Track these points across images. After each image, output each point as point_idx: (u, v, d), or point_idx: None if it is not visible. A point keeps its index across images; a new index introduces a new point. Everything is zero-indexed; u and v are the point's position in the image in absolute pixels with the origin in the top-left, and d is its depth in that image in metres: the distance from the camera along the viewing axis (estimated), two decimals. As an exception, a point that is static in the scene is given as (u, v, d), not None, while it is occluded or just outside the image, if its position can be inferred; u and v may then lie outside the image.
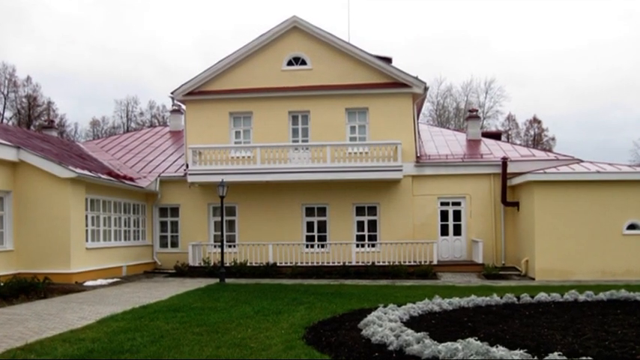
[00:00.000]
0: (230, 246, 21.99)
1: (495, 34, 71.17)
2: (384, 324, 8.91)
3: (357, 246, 21.72)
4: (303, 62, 22.89)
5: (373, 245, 21.83)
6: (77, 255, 17.73)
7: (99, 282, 17.75)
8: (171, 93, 23.25)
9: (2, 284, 14.29)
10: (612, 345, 8.01)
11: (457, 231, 22.34)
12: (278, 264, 20.95)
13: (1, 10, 63.65)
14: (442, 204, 22.39)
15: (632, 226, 18.99)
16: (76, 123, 57.31)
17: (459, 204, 22.35)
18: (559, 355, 6.78)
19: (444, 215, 22.39)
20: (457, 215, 22.35)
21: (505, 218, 21.90)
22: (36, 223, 17.41)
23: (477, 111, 29.61)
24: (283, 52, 22.90)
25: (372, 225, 22.44)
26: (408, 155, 21.99)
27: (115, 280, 18.78)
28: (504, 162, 21.68)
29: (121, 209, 21.27)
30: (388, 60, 23.63)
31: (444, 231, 22.36)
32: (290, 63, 22.95)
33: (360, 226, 22.47)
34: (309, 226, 22.61)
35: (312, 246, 22.00)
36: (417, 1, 70.44)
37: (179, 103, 25.19)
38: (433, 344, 7.31)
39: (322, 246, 21.90)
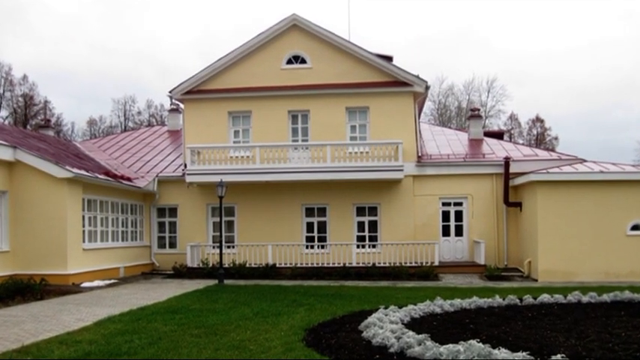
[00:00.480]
0: (229, 247, 21.98)
1: (496, 33, 71.27)
2: (384, 326, 8.91)
3: (358, 247, 21.72)
4: (303, 61, 22.88)
5: (374, 246, 21.82)
6: (74, 256, 17.72)
7: (96, 283, 17.76)
8: (170, 92, 23.24)
9: (-2, 285, 14.29)
10: (616, 347, 8.00)
11: (459, 232, 22.32)
12: (277, 265, 20.95)
13: (0, 8, 63.69)
14: (444, 204, 22.38)
15: (635, 227, 18.97)
16: (73, 122, 57.47)
17: (460, 204, 22.34)
18: (562, 357, 6.79)
19: (445, 216, 22.38)
20: (459, 216, 22.34)
21: (507, 219, 21.89)
22: (32, 223, 17.41)
23: (478, 110, 29.60)
24: (283, 51, 22.89)
25: (373, 225, 22.42)
26: (409, 155, 21.98)
27: (112, 281, 18.78)
28: (507, 162, 21.67)
29: (118, 210, 21.26)
30: (389, 58, 23.62)
31: (446, 232, 22.35)
32: (290, 61, 22.94)
33: (361, 226, 22.46)
34: (309, 227, 22.60)
35: (312, 247, 22.00)
36: (418, -2, 70.41)
37: (177, 102, 25.19)
38: (435, 346, 7.31)
39: (322, 247, 21.89)
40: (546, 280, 18.59)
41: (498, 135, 28.54)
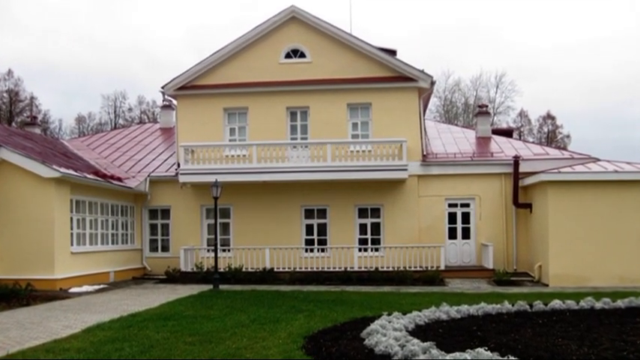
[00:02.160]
0: (224, 250, 21.99)
1: (506, 25, 71.25)
2: (388, 333, 8.92)
3: (360, 250, 21.73)
4: (302, 55, 22.89)
5: (376, 249, 21.84)
6: (61, 260, 17.73)
7: (85, 288, 17.76)
8: (162, 87, 23.25)
9: (-18, 291, 14.30)
10: (631, 355, 8.02)
11: (466, 234, 22.33)
12: (275, 269, 20.94)
13: (-19, -1, 63.69)
14: (450, 205, 22.39)
15: (652, 229, 18.99)
16: (61, 119, 57.51)
17: (467, 205, 22.36)
18: (574, 366, 6.79)
19: (451, 217, 22.39)
20: (466, 217, 22.35)
21: (517, 221, 21.89)
22: (17, 225, 17.41)
23: (486, 106, 29.58)
24: (281, 44, 22.90)
25: (376, 228, 22.44)
26: (414, 154, 21.99)
27: (101, 286, 18.79)
28: (516, 161, 21.69)
29: (108, 211, 21.27)
30: (392, 52, 23.64)
31: (452, 234, 22.36)
32: (288, 55, 22.95)
33: (363, 229, 22.47)
34: (309, 229, 22.61)
35: (312, 250, 22.00)
36: (423, -11, 70.44)
37: (170, 99, 25.25)
38: (440, 354, 7.32)
39: (322, 250, 21.90)
40: (557, 285, 18.61)
41: (507, 133, 28.56)
